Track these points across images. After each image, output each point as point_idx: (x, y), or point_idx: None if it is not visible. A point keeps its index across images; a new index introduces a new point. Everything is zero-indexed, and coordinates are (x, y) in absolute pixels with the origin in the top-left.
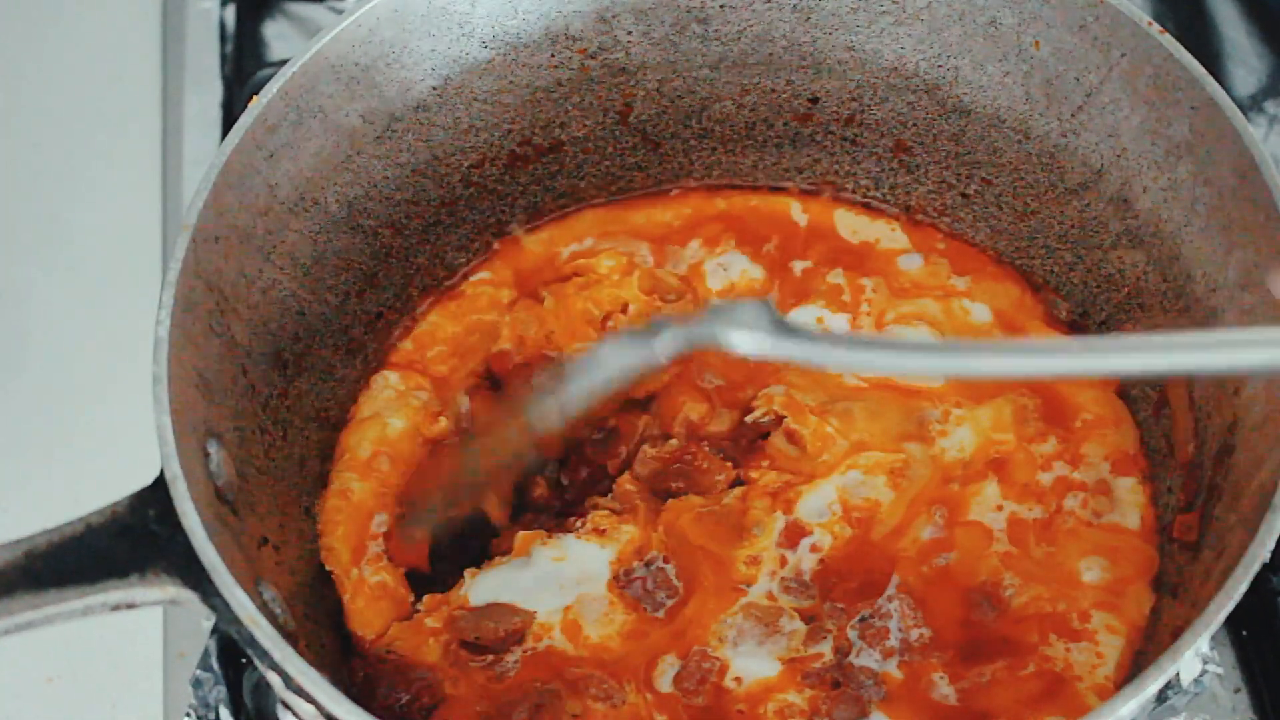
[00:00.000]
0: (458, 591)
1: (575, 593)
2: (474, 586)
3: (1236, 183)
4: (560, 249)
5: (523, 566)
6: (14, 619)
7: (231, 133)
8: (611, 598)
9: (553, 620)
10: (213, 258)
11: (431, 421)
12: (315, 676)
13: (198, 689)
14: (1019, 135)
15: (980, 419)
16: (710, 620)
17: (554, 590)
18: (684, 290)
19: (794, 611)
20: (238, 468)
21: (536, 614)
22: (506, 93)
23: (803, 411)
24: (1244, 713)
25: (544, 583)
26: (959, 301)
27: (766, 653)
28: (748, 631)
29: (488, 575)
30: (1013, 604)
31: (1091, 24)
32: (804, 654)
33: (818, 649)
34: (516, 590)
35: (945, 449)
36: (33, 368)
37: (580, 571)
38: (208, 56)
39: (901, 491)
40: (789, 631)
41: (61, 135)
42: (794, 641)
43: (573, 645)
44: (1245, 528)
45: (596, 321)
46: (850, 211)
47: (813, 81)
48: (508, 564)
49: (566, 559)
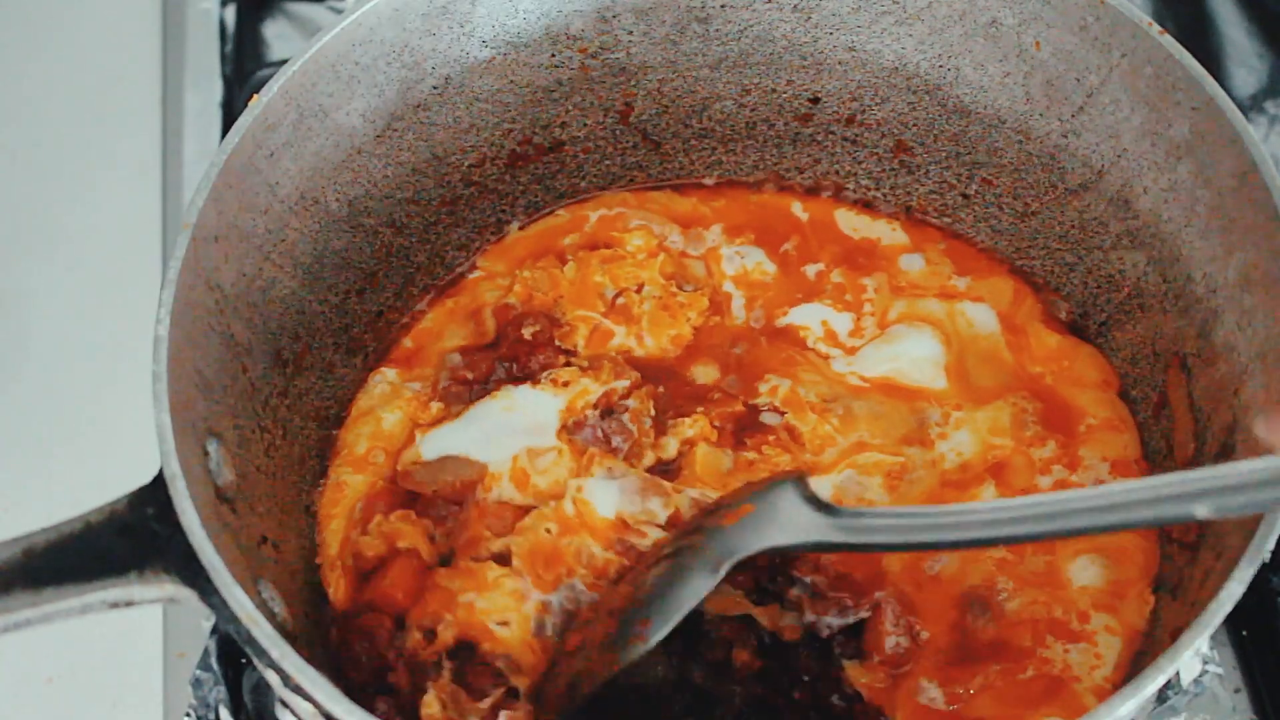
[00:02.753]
0: (410, 448)
1: (524, 442)
2: (425, 442)
3: (1236, 183)
4: (589, 213)
5: (470, 421)
6: (12, 617)
7: (231, 132)
8: (560, 445)
9: (501, 470)
10: (213, 257)
11: (424, 409)
12: (313, 675)
13: (198, 689)
14: (1019, 136)
15: (979, 422)
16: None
17: (503, 440)
18: (705, 284)
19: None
20: (237, 466)
21: (488, 466)
22: (507, 92)
23: (803, 408)
24: (1244, 713)
25: (493, 434)
26: (960, 305)
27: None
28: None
29: (438, 431)
30: (1007, 608)
31: (1092, 25)
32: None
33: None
34: (467, 443)
35: (944, 454)
36: (33, 368)
37: (530, 421)
38: (208, 56)
39: (898, 495)
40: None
41: (61, 135)
42: (647, 516)
43: (521, 494)
44: (1245, 528)
45: (608, 300)
46: (851, 211)
47: (813, 81)
48: (458, 419)
49: (515, 409)
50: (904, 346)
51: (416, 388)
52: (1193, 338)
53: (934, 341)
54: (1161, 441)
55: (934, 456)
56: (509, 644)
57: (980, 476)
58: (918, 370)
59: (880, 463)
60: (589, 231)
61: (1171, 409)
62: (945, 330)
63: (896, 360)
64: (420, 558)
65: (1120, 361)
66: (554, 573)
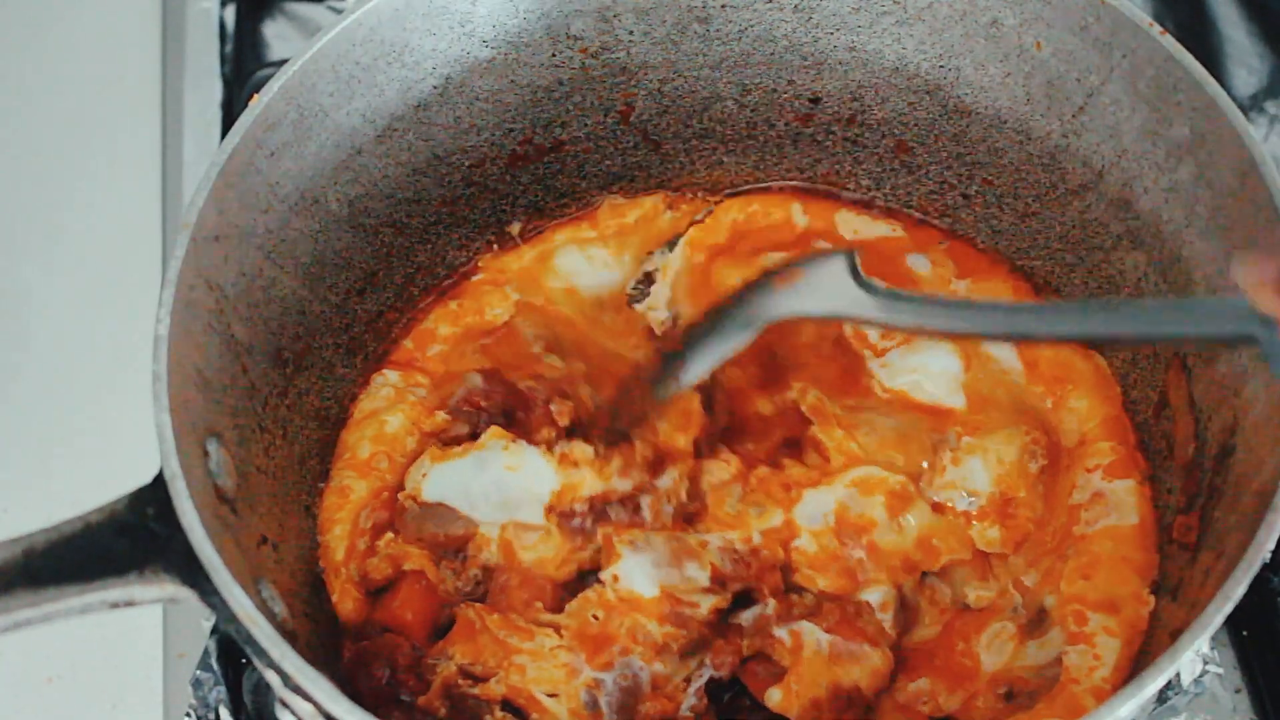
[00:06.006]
0: (412, 473)
1: (515, 513)
2: (430, 478)
3: (1237, 184)
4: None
5: (478, 467)
6: (12, 617)
7: (232, 132)
8: (548, 525)
9: (490, 535)
10: (213, 257)
11: (429, 415)
12: (313, 675)
13: (198, 689)
14: (1020, 136)
15: (989, 451)
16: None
17: (497, 502)
18: None
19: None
20: (237, 466)
21: (479, 527)
22: (508, 92)
23: (830, 421)
24: (1244, 713)
25: (490, 492)
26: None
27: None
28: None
29: (444, 468)
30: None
31: (1093, 25)
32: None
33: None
34: (465, 494)
35: (953, 499)
36: (33, 368)
37: (527, 490)
38: (208, 56)
39: (902, 534)
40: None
41: (61, 135)
42: (690, 584)
43: (506, 563)
44: (1245, 529)
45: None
46: (851, 212)
47: (814, 81)
48: (466, 458)
49: (519, 470)
50: (926, 359)
51: (422, 393)
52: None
53: (953, 357)
54: (1162, 441)
55: (942, 500)
56: (557, 717)
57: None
58: (935, 385)
59: (887, 484)
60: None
61: (1171, 409)
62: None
63: (918, 373)
64: (427, 578)
65: (1120, 362)
66: (607, 651)
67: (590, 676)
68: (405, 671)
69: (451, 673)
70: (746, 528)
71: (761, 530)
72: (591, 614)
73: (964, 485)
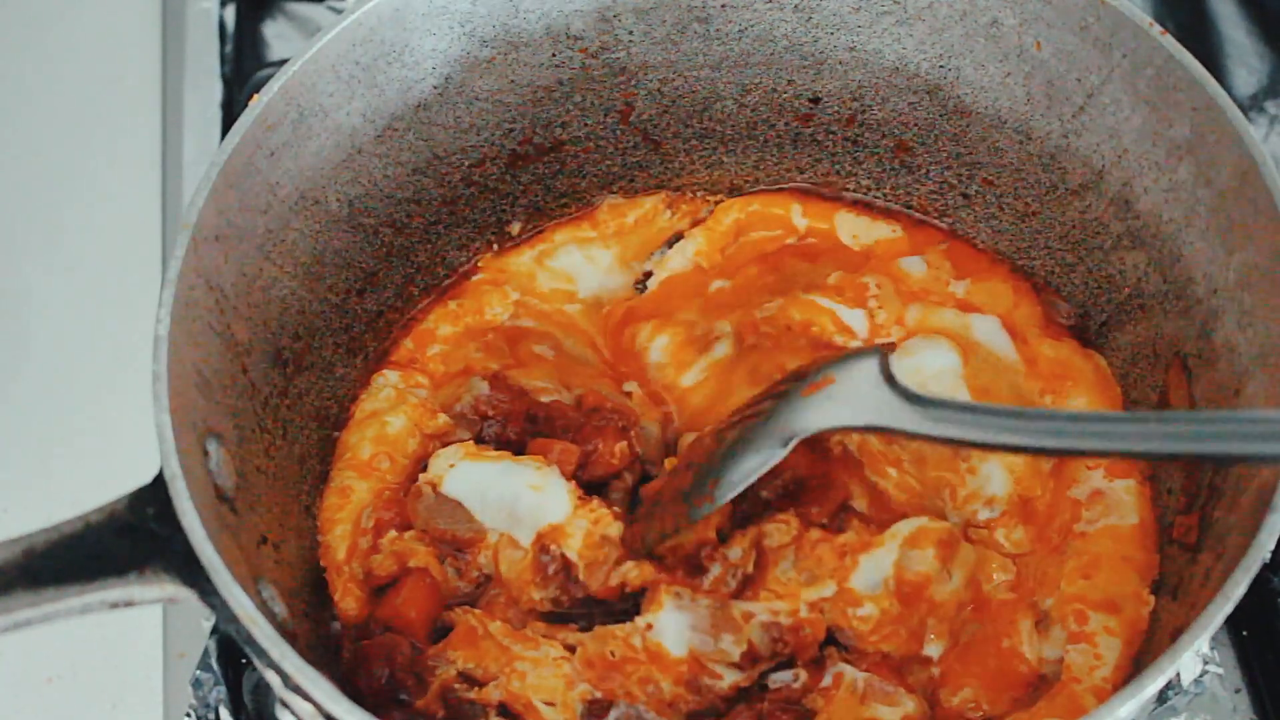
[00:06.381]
0: (438, 460)
1: (514, 529)
2: (456, 471)
3: (1237, 184)
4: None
5: (504, 474)
6: (12, 617)
7: (232, 132)
8: (529, 550)
9: (493, 545)
10: (213, 257)
11: (430, 417)
12: (313, 675)
13: (198, 689)
14: (1020, 136)
15: (1004, 459)
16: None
17: (508, 519)
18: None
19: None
20: (237, 466)
21: (487, 535)
22: (508, 92)
23: (878, 460)
24: (1244, 713)
25: (510, 503)
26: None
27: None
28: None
29: (472, 466)
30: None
31: (1093, 25)
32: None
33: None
34: (481, 498)
35: (977, 511)
36: (33, 368)
37: (533, 511)
38: (208, 56)
39: (953, 580)
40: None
41: (61, 135)
42: (721, 656)
43: (496, 574)
44: (1245, 529)
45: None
46: (850, 212)
47: (814, 81)
48: (499, 464)
49: (542, 490)
50: (923, 359)
51: (423, 395)
52: (1193, 338)
53: (951, 352)
54: None
55: (967, 514)
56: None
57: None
58: (938, 383)
59: (937, 534)
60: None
61: (1172, 409)
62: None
63: (919, 373)
64: (431, 576)
65: (1120, 362)
66: (614, 683)
67: (589, 691)
68: (404, 671)
69: (450, 676)
70: (794, 599)
71: (808, 602)
72: (609, 650)
73: (983, 495)
